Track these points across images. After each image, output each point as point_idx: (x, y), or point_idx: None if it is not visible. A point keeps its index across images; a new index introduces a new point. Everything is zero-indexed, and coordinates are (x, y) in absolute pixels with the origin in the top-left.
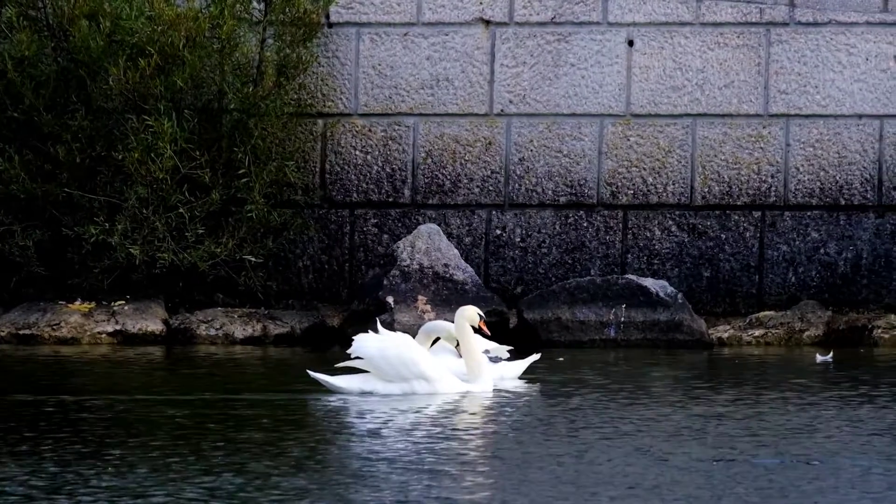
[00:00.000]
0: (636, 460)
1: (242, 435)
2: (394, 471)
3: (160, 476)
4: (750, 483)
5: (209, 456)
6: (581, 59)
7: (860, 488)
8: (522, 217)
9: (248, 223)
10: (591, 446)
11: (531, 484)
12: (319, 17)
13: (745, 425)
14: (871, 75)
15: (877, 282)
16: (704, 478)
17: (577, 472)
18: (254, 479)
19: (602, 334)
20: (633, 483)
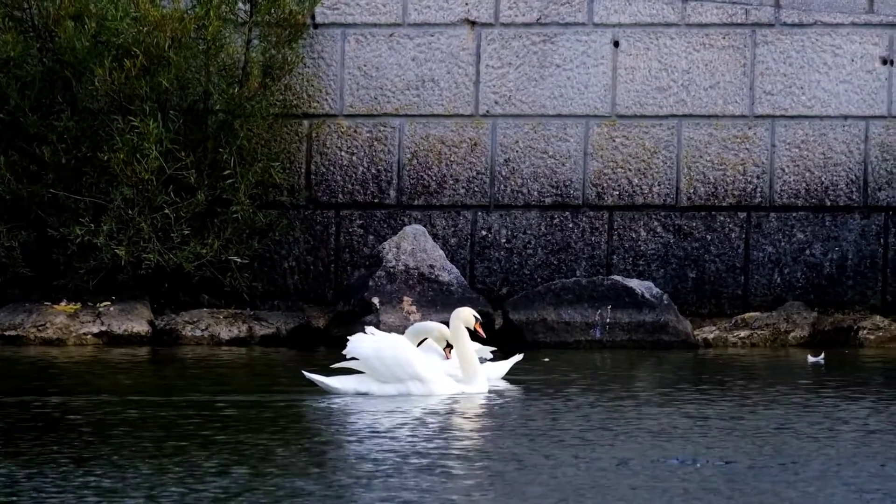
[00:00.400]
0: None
1: (229, 436)
2: (378, 471)
3: (150, 476)
4: (656, 484)
5: (195, 457)
6: (566, 60)
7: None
8: (508, 218)
9: (234, 224)
10: (563, 449)
11: (512, 485)
12: (305, 17)
13: (726, 426)
14: (856, 76)
15: (862, 283)
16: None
17: (552, 477)
18: (243, 480)
19: (587, 335)
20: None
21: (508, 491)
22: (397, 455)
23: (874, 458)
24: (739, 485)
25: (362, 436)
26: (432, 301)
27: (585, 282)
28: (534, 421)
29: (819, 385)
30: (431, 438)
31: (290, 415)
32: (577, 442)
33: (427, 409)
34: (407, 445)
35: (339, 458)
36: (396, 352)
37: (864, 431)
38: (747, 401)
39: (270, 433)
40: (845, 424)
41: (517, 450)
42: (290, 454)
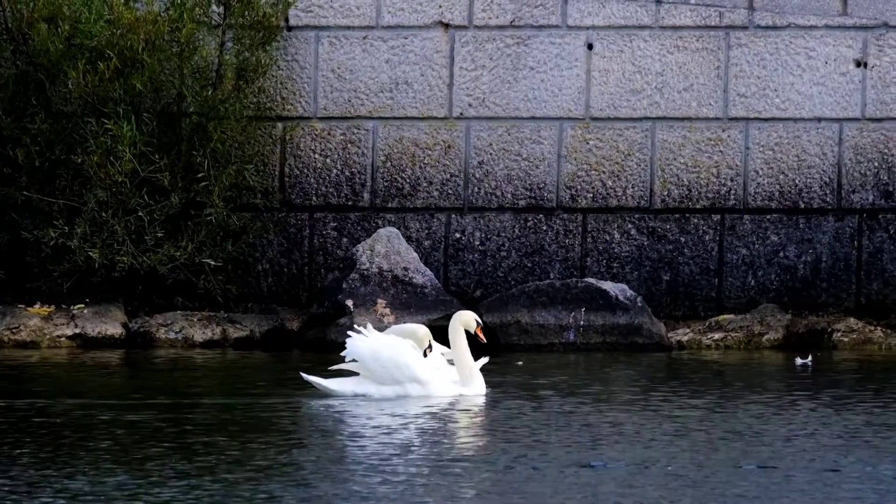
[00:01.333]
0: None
1: (206, 439)
2: (355, 473)
3: (126, 481)
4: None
5: (173, 461)
6: (540, 63)
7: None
8: (482, 220)
9: (208, 226)
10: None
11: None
12: (279, 20)
13: (679, 430)
14: (830, 78)
15: (836, 285)
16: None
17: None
18: (220, 484)
19: (561, 338)
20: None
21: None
22: (373, 457)
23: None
24: (631, 489)
25: (331, 437)
26: (406, 303)
27: (559, 284)
28: (486, 423)
29: (787, 388)
30: (412, 440)
31: (269, 418)
32: (520, 445)
33: (415, 411)
34: (385, 448)
35: (311, 460)
36: (394, 354)
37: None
38: (712, 404)
39: (250, 436)
40: (783, 427)
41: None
42: (269, 458)
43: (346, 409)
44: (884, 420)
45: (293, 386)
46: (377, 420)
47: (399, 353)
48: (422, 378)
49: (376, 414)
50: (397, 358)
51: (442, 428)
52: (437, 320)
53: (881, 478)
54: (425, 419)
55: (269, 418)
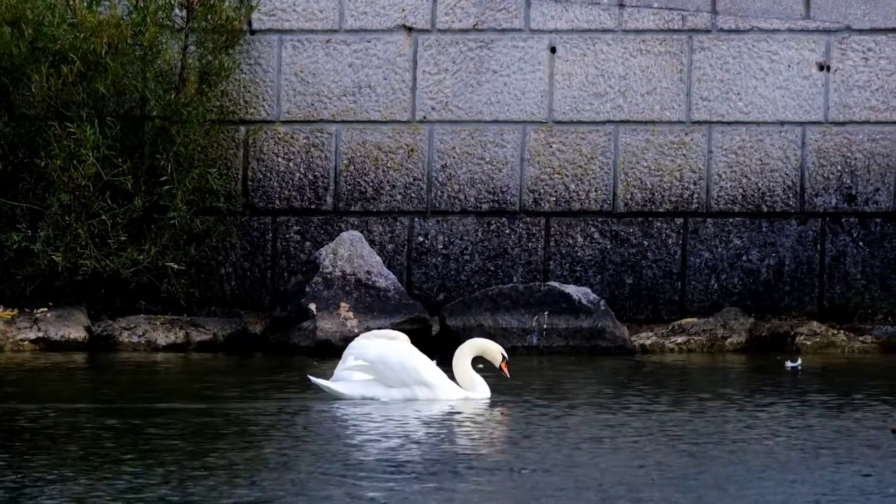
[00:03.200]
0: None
1: (178, 444)
2: (325, 475)
3: (98, 486)
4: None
5: (148, 465)
6: (503, 66)
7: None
8: (445, 224)
9: (171, 230)
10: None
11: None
12: (241, 24)
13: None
14: (793, 82)
15: (799, 289)
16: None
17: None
18: (205, 489)
19: (525, 341)
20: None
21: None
22: (354, 460)
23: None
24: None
25: (304, 441)
26: (369, 307)
27: (522, 288)
28: (428, 427)
29: (744, 391)
30: (390, 443)
31: (242, 421)
32: (454, 449)
33: (400, 413)
34: (366, 452)
35: (283, 464)
36: (402, 357)
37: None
38: (668, 407)
39: (222, 441)
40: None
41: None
42: (230, 462)
43: (329, 411)
44: (840, 425)
45: (264, 389)
46: (361, 421)
47: (407, 356)
48: (429, 381)
49: (358, 415)
50: (405, 361)
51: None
52: (400, 324)
53: (837, 482)
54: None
55: (245, 422)
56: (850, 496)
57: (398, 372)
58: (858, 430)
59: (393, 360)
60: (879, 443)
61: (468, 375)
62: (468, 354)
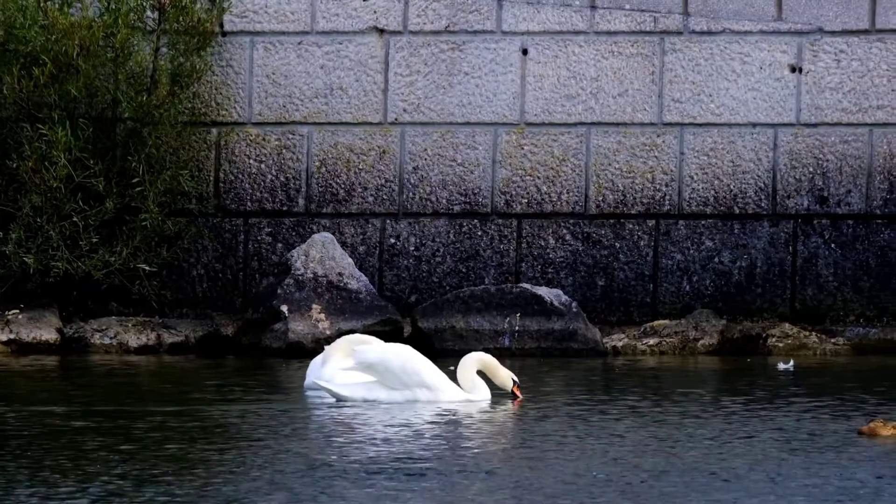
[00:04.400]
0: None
1: (151, 446)
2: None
3: (72, 492)
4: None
5: (114, 468)
6: (475, 68)
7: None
8: (416, 226)
9: (143, 232)
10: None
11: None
12: (213, 26)
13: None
14: (765, 84)
15: (771, 290)
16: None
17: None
18: (183, 490)
19: (497, 343)
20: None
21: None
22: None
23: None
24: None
25: (284, 442)
26: (341, 309)
27: (494, 290)
28: (364, 428)
29: (715, 393)
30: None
31: (219, 424)
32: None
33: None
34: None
35: (253, 464)
36: (404, 359)
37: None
38: (639, 409)
39: (198, 443)
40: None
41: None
42: (232, 464)
43: (309, 413)
44: (813, 428)
45: (237, 391)
46: (348, 422)
47: (409, 358)
48: (431, 383)
49: (343, 416)
50: (407, 363)
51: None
52: (371, 325)
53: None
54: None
55: (221, 424)
56: (817, 498)
57: (400, 374)
58: (826, 431)
59: (395, 362)
60: (848, 444)
61: (470, 379)
62: (473, 366)
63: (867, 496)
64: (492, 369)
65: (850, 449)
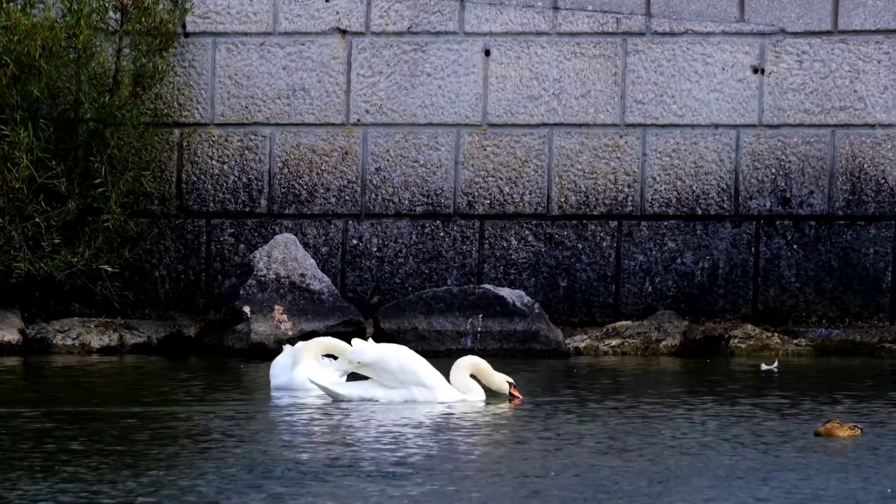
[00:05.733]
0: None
1: (116, 448)
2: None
3: (40, 493)
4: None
5: (72, 469)
6: (438, 69)
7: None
8: (379, 227)
9: (105, 233)
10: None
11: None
12: (176, 26)
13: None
14: (727, 85)
15: (733, 291)
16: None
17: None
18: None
19: (459, 344)
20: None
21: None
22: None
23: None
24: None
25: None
26: (303, 310)
27: (457, 290)
28: (318, 426)
29: (676, 394)
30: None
31: (181, 425)
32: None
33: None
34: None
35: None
36: (401, 359)
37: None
38: (599, 410)
39: (157, 443)
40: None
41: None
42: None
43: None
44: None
45: (200, 392)
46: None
47: (405, 357)
48: (427, 382)
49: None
50: (404, 362)
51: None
52: (334, 326)
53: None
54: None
55: (189, 426)
56: (766, 500)
57: (397, 373)
58: (783, 432)
59: (392, 362)
60: (806, 445)
61: (464, 382)
62: (467, 369)
63: (820, 497)
64: (485, 374)
65: (806, 450)
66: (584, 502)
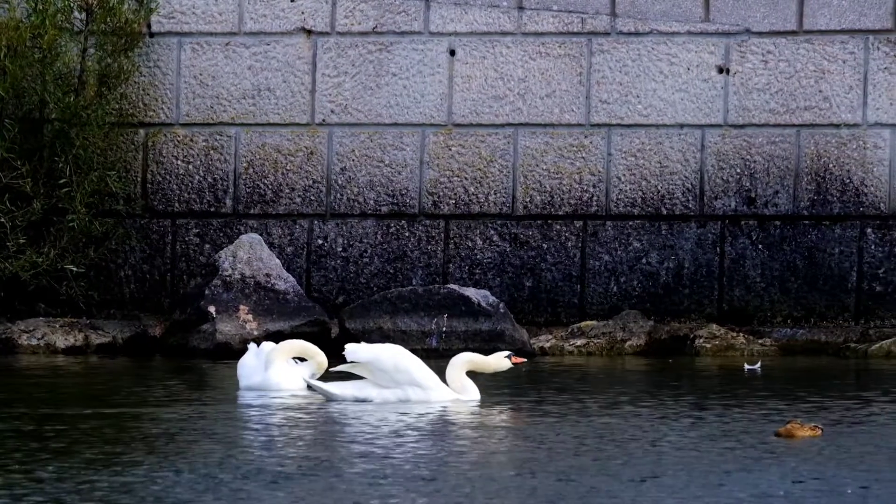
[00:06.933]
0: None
1: (84, 448)
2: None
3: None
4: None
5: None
6: (403, 69)
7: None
8: (344, 227)
9: (70, 233)
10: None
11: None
12: (141, 26)
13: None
14: (692, 85)
15: (699, 291)
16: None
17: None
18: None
19: (424, 344)
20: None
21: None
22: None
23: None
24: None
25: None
26: (269, 310)
27: (422, 290)
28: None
29: (640, 394)
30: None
31: (145, 425)
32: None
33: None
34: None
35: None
36: (396, 358)
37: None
38: (555, 410)
39: (121, 444)
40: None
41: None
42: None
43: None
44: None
45: (165, 392)
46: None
47: (400, 358)
48: (422, 382)
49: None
50: (399, 362)
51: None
52: (299, 326)
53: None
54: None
55: (133, 428)
56: (732, 500)
57: (392, 373)
58: (744, 432)
59: (387, 362)
60: (763, 445)
61: (459, 381)
62: (462, 368)
63: (777, 498)
64: (482, 364)
65: (764, 450)
66: (556, 500)
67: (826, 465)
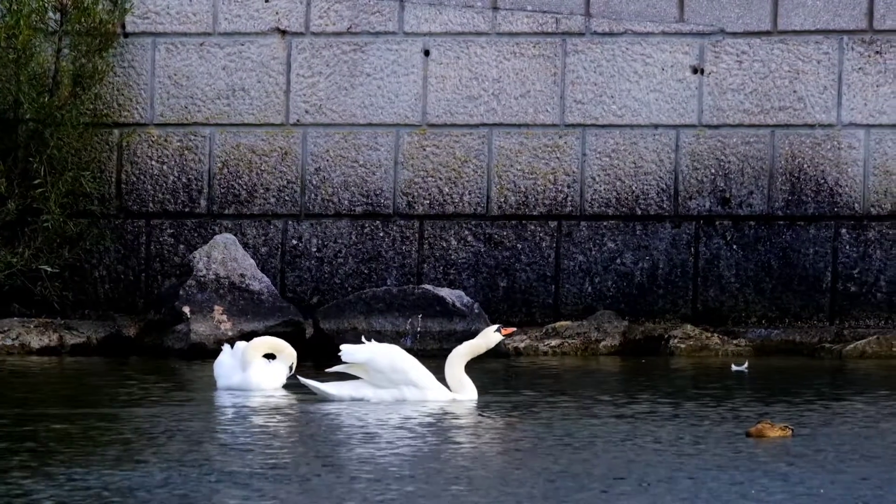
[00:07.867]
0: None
1: (63, 449)
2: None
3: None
4: None
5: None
6: (377, 69)
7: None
8: (318, 227)
9: (45, 233)
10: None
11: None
12: (115, 27)
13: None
14: (667, 85)
15: (673, 292)
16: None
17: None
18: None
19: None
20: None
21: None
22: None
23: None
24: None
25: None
26: (243, 310)
27: (396, 291)
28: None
29: (611, 394)
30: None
31: (121, 425)
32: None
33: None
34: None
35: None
36: (392, 358)
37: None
38: (529, 410)
39: (98, 444)
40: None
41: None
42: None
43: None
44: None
45: (140, 392)
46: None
47: (396, 357)
48: (418, 382)
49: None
50: (395, 362)
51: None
52: (273, 327)
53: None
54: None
55: (108, 429)
56: (687, 500)
57: (388, 373)
58: (716, 432)
59: (383, 361)
60: (734, 445)
61: (457, 378)
62: (460, 362)
63: (748, 498)
64: (477, 348)
65: (735, 450)
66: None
67: (796, 465)
